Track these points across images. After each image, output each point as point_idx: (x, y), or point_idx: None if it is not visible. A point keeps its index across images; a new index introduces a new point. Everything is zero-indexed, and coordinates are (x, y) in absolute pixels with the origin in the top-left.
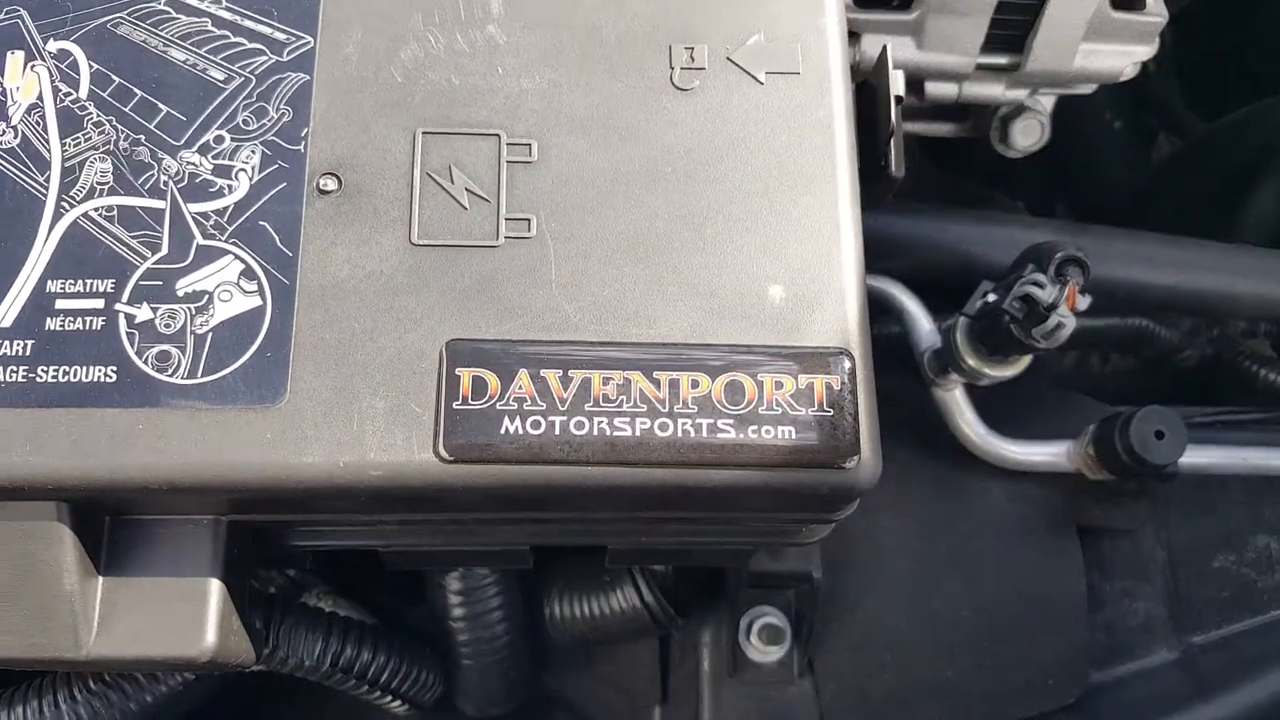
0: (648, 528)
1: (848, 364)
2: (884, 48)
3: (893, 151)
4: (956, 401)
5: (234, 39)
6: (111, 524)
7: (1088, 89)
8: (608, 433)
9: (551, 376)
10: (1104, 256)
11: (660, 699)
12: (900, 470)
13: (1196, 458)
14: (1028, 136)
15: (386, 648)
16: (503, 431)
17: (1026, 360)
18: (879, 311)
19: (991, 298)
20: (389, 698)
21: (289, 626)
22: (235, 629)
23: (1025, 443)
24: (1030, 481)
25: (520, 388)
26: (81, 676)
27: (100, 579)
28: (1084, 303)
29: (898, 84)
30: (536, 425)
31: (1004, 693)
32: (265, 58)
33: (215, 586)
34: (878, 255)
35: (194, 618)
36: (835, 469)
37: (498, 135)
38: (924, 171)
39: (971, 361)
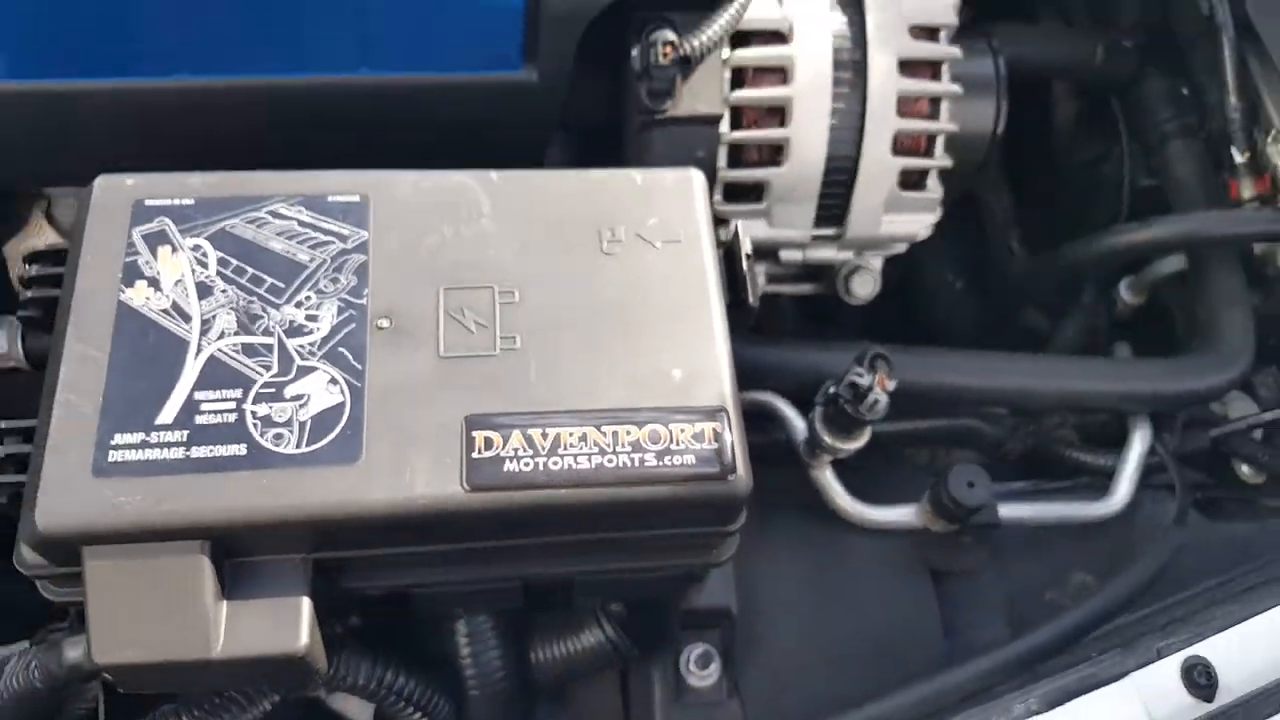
0: (603, 552)
1: (725, 417)
2: (736, 224)
3: (748, 288)
4: (828, 480)
5: (314, 234)
6: (231, 562)
7: (900, 248)
8: (573, 466)
9: (535, 434)
10: (928, 369)
11: None
12: (792, 534)
13: (1020, 512)
14: (864, 287)
15: (417, 674)
16: (504, 470)
17: (867, 433)
18: (766, 419)
19: (832, 390)
20: (418, 714)
21: (346, 653)
22: (317, 639)
23: (883, 507)
24: (890, 536)
25: (514, 442)
26: (195, 701)
27: (225, 601)
28: (891, 385)
29: (747, 245)
30: (526, 465)
31: None
32: (336, 245)
33: (305, 603)
34: (760, 378)
35: (292, 625)
36: (722, 481)
37: (492, 288)
38: (797, 323)
39: (829, 440)
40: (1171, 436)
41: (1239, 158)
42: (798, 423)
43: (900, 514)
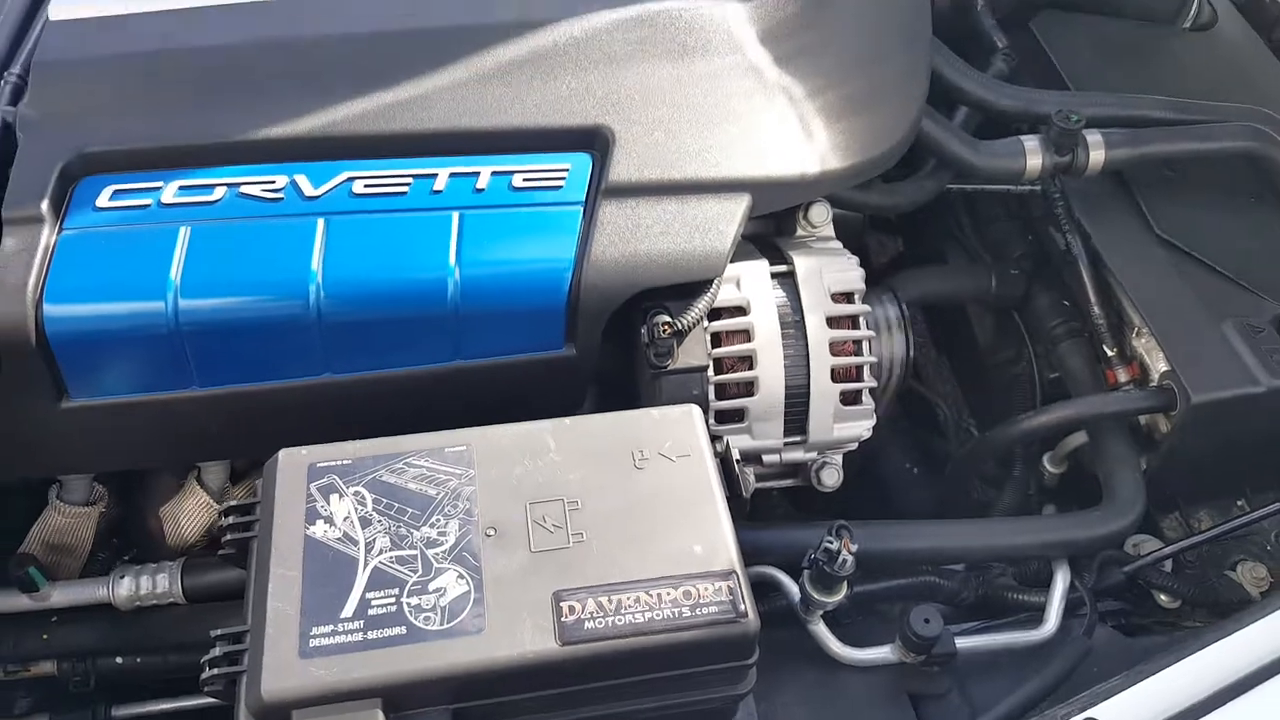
0: (658, 689)
1: (735, 576)
2: (726, 440)
3: (741, 486)
4: (822, 631)
5: (437, 475)
6: (396, 715)
7: (852, 446)
8: (633, 620)
9: (603, 600)
10: (886, 539)
11: None
12: (798, 678)
13: (973, 643)
14: (831, 477)
15: None
16: (586, 628)
17: (844, 587)
18: (770, 589)
19: (813, 555)
20: None
21: None
22: None
23: (866, 649)
24: (875, 672)
25: (590, 607)
26: None
27: None
28: (854, 547)
29: (736, 454)
30: (601, 623)
31: None
32: (454, 482)
33: None
34: (761, 555)
35: None
36: (738, 623)
37: (562, 500)
38: (788, 510)
39: (816, 595)
40: (1089, 574)
41: (1110, 352)
42: (792, 587)
43: (879, 653)
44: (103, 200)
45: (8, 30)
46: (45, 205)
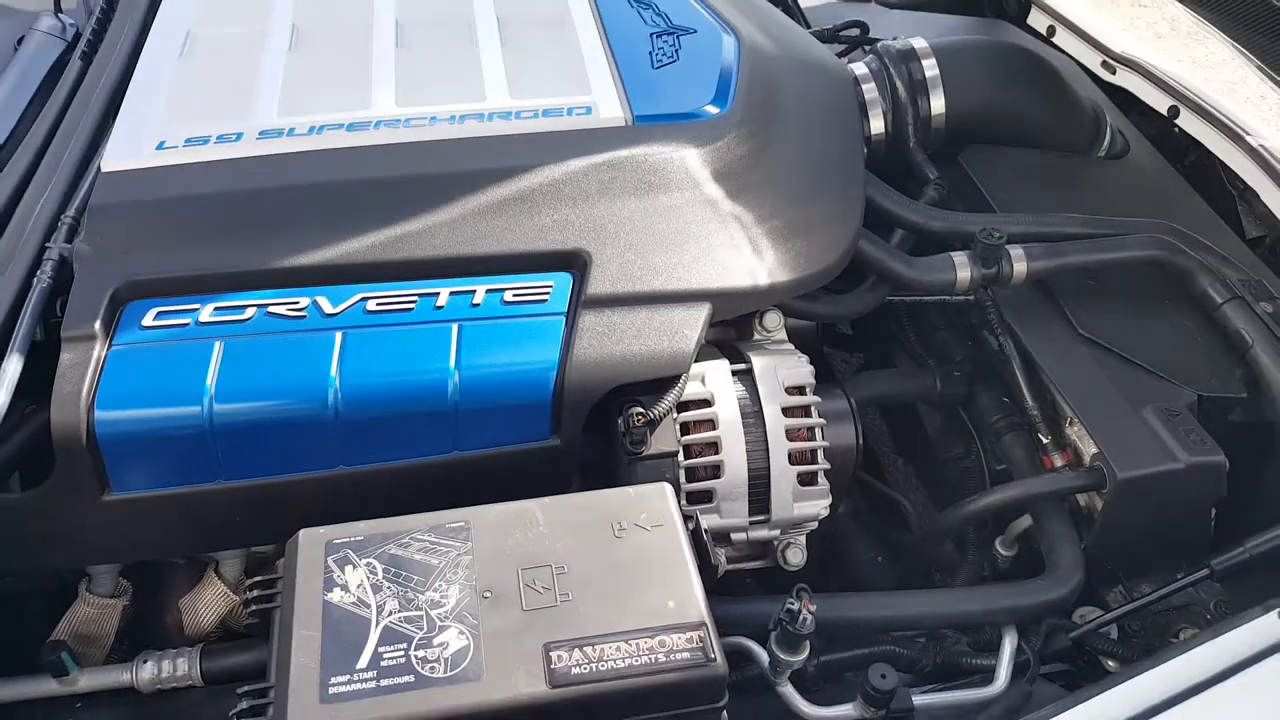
0: None
1: (705, 627)
2: (697, 518)
3: (710, 554)
4: (790, 692)
5: (439, 547)
6: None
7: (812, 525)
8: (615, 665)
9: (588, 649)
10: (844, 608)
11: None
12: None
13: (928, 699)
14: (796, 556)
15: None
16: (572, 673)
17: (806, 646)
18: (743, 658)
19: (778, 617)
20: None
21: None
22: None
23: (833, 707)
24: None
25: (576, 656)
26: None
27: None
28: (813, 607)
29: (705, 527)
30: (585, 669)
31: None
32: (454, 552)
33: None
34: (734, 626)
35: None
36: (708, 666)
37: (550, 565)
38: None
39: (782, 655)
40: (1036, 639)
41: (1045, 440)
42: (761, 652)
43: (842, 710)
44: (147, 320)
45: (65, 178)
46: (98, 325)
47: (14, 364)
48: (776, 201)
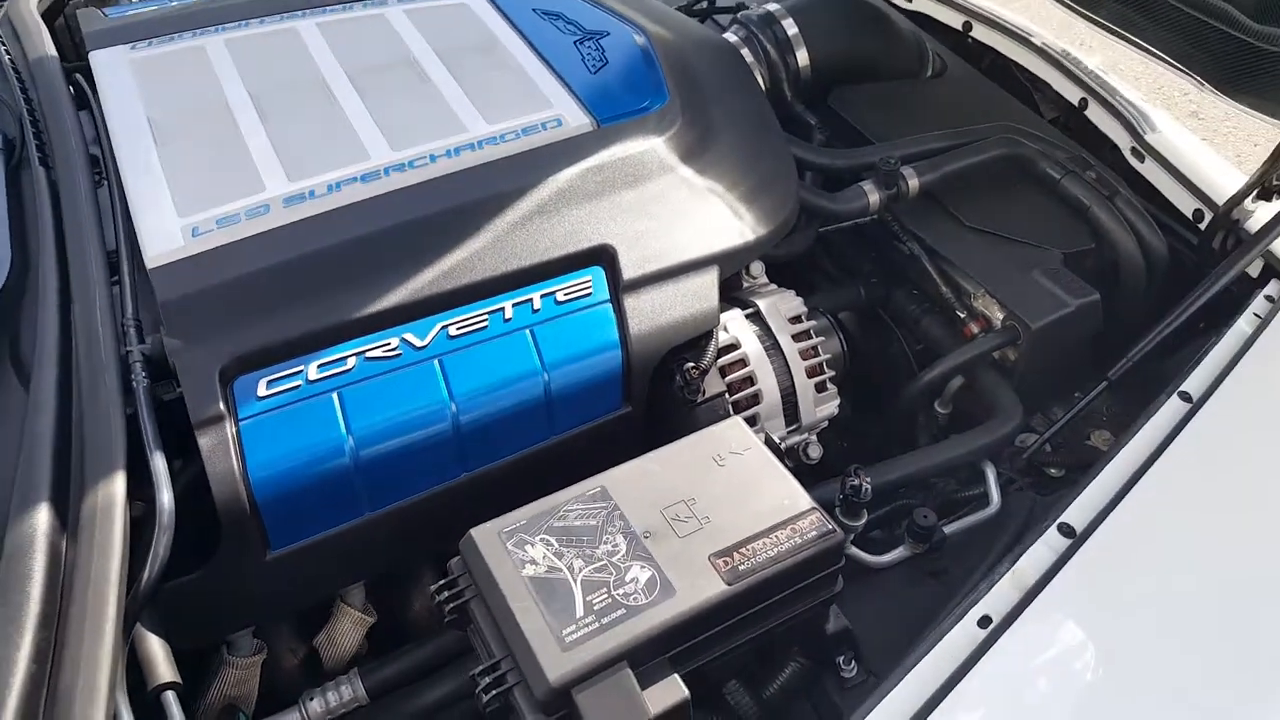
0: (790, 601)
1: (816, 511)
2: (768, 435)
3: (784, 457)
4: (856, 551)
5: (591, 509)
6: (636, 670)
7: (824, 425)
8: (770, 554)
9: (745, 549)
10: (878, 473)
11: None
12: (850, 586)
13: (953, 529)
14: (816, 451)
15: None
16: (739, 569)
17: (864, 514)
18: None
19: (842, 495)
20: None
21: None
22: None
23: (887, 553)
24: (896, 567)
25: (737, 558)
26: None
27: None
28: (868, 479)
29: (775, 438)
30: (748, 565)
31: None
32: (605, 512)
33: (676, 679)
34: None
35: (673, 686)
36: (832, 536)
37: (683, 500)
38: None
39: (848, 522)
40: (1008, 464)
41: (961, 314)
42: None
43: (896, 553)
44: (261, 390)
45: (104, 290)
46: (220, 406)
47: (160, 462)
48: (735, 170)
